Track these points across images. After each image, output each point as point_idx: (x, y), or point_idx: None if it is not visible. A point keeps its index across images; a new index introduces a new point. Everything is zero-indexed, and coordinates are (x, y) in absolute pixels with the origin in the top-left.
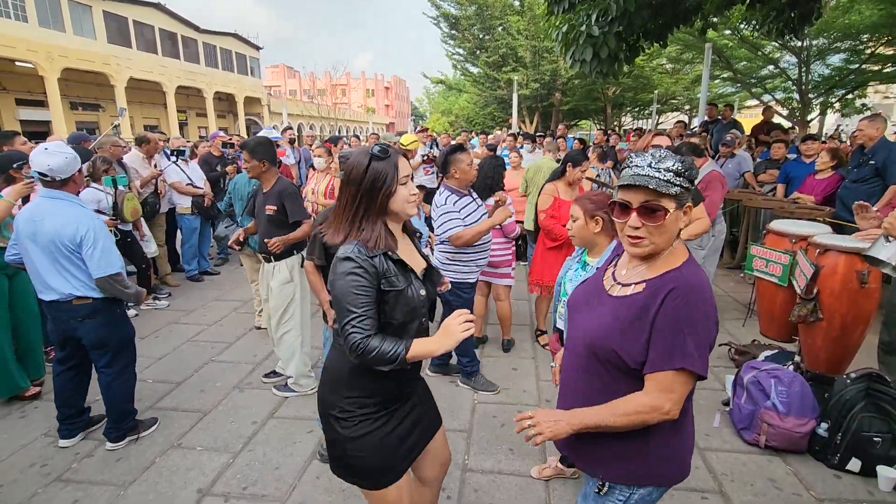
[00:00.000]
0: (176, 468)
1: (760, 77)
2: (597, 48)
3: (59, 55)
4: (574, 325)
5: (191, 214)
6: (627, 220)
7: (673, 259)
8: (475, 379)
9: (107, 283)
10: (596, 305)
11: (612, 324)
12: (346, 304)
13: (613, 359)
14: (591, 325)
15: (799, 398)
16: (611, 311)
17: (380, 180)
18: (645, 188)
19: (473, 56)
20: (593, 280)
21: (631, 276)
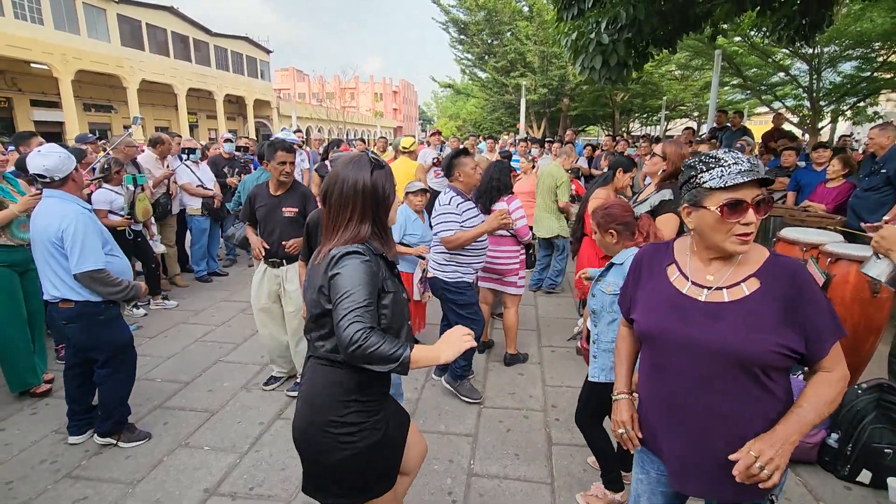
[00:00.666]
0: (183, 467)
1: (771, 84)
2: (606, 56)
3: (74, 57)
4: (685, 342)
5: (200, 216)
6: (740, 218)
7: (759, 250)
8: (461, 383)
9: (87, 279)
10: (707, 316)
11: (758, 326)
12: (349, 294)
13: (770, 359)
14: (737, 335)
15: None
16: (746, 315)
17: (386, 189)
18: (756, 183)
19: (482, 61)
20: (661, 295)
21: (725, 277)
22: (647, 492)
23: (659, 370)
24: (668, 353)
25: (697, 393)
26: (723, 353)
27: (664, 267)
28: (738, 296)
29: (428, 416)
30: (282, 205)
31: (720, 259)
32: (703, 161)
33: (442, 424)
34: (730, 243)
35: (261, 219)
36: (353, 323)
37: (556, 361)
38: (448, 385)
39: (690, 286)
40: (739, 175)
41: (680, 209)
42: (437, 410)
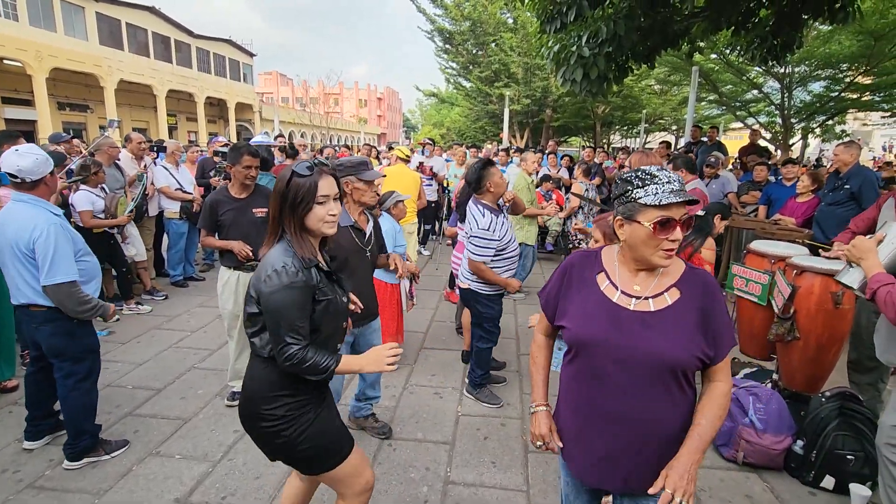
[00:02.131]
0: (153, 476)
1: (745, 101)
2: (587, 69)
3: (49, 55)
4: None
5: (179, 219)
6: (669, 234)
7: (676, 262)
8: (480, 391)
9: (56, 292)
10: (638, 326)
11: (684, 334)
12: (283, 317)
13: (693, 364)
14: (666, 343)
15: (776, 416)
16: (672, 324)
17: (299, 196)
18: (683, 203)
19: (466, 70)
20: (596, 304)
21: (649, 287)
22: (572, 492)
23: (587, 376)
24: (599, 360)
25: (625, 397)
26: (653, 360)
27: (594, 275)
28: (661, 305)
29: (405, 424)
30: (251, 206)
31: (645, 270)
32: (638, 177)
33: (419, 432)
34: (657, 257)
35: (229, 224)
36: (288, 344)
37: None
38: (469, 395)
39: (620, 295)
40: (672, 195)
41: (612, 220)
42: (415, 418)
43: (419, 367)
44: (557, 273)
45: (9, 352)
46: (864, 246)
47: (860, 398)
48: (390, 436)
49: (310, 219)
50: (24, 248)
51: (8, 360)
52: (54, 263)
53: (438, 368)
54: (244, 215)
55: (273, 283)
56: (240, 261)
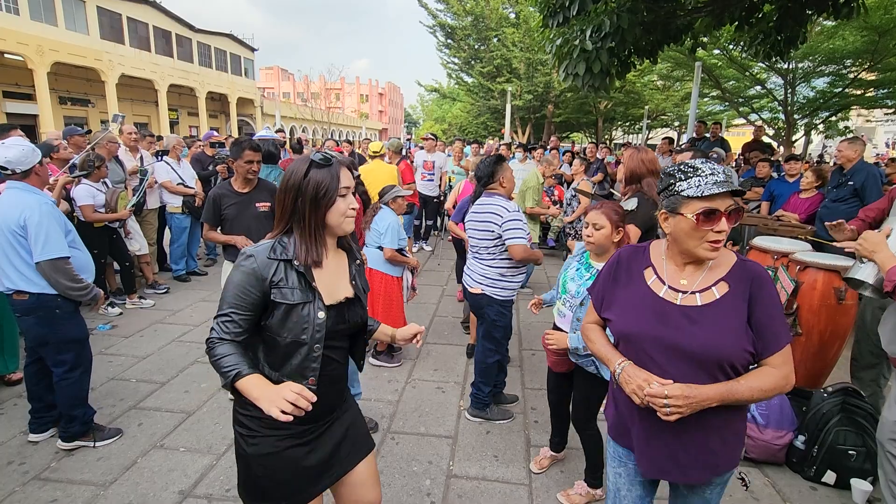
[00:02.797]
0: (158, 469)
1: (748, 97)
2: (589, 63)
3: (50, 49)
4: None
5: (181, 214)
6: (714, 226)
7: (728, 255)
8: (489, 410)
9: (50, 268)
10: (683, 321)
11: (730, 329)
12: (223, 297)
13: (744, 359)
14: (715, 339)
15: (777, 411)
16: (719, 319)
17: (321, 189)
18: (728, 193)
19: (468, 66)
20: (641, 299)
21: (698, 282)
22: (626, 484)
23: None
24: (645, 353)
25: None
26: (700, 354)
27: (641, 270)
28: (709, 300)
29: (408, 419)
30: (253, 200)
31: (693, 263)
32: (681, 170)
33: (422, 426)
34: (702, 249)
35: (232, 218)
36: (211, 328)
37: (535, 365)
38: (476, 418)
39: (667, 290)
40: (715, 186)
41: (657, 213)
42: (418, 412)
43: (421, 362)
44: (606, 267)
45: (12, 345)
46: (874, 240)
47: (862, 394)
48: (376, 430)
49: (332, 214)
50: (14, 226)
51: (11, 354)
52: (49, 239)
53: (441, 363)
54: (247, 209)
55: (236, 262)
56: None
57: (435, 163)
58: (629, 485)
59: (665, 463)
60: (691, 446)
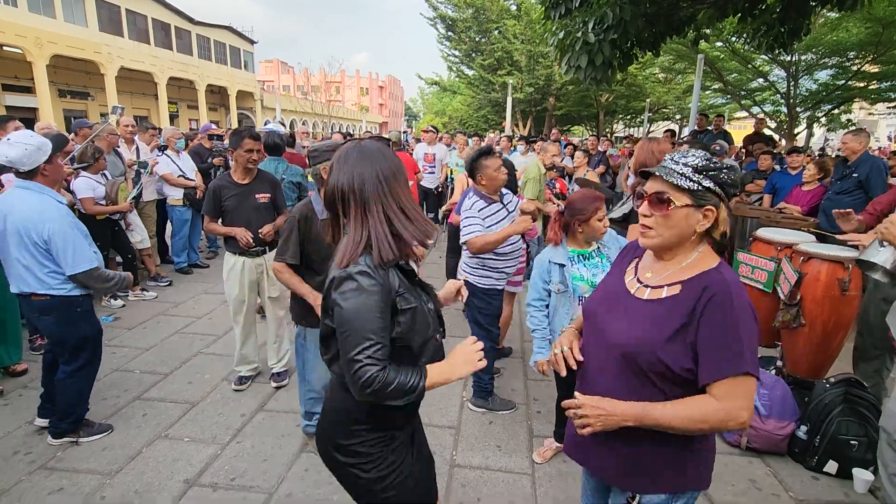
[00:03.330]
0: (163, 458)
1: (750, 89)
2: (592, 55)
3: (49, 41)
4: (599, 331)
5: (182, 206)
6: (640, 208)
7: (705, 262)
8: (492, 400)
9: (85, 279)
10: (623, 309)
11: (653, 330)
12: (356, 331)
13: (657, 367)
14: (630, 332)
15: (780, 401)
16: (649, 317)
17: (400, 171)
18: (659, 178)
19: (469, 58)
20: (612, 282)
21: (659, 278)
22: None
23: (585, 347)
24: (588, 334)
25: (597, 376)
26: (615, 347)
27: (632, 258)
28: (655, 296)
29: None
30: (253, 192)
31: (663, 257)
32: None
33: (425, 417)
34: (640, 234)
35: (233, 209)
36: (364, 366)
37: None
38: (478, 408)
39: (632, 279)
40: (651, 168)
41: None
42: (421, 403)
43: None
44: (620, 253)
45: (15, 337)
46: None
47: (864, 384)
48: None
49: (409, 201)
50: (35, 238)
51: (15, 345)
52: (77, 251)
53: None
54: (246, 201)
55: (342, 288)
56: (243, 247)
57: (436, 155)
58: (586, 476)
59: (588, 450)
60: (614, 443)
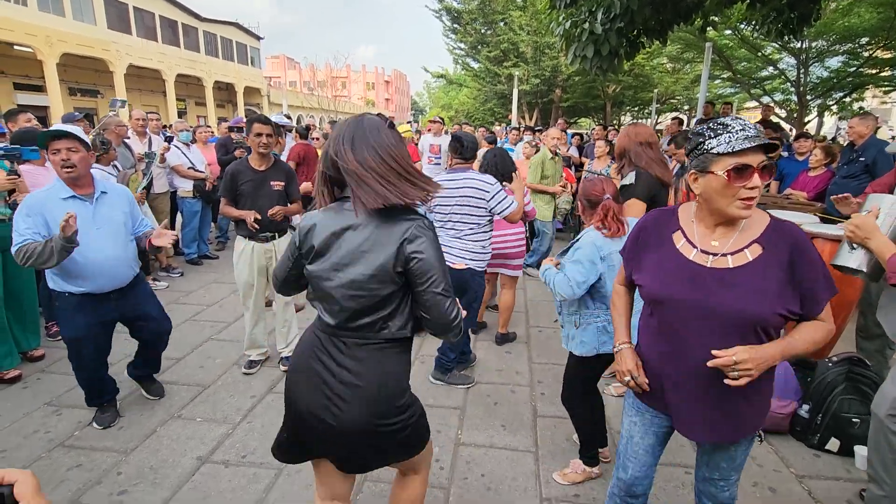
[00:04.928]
0: (177, 437)
1: (760, 78)
2: (598, 45)
3: (59, 40)
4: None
5: (192, 198)
6: (746, 182)
7: (758, 219)
8: (450, 375)
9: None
10: (713, 283)
11: (764, 289)
12: (439, 276)
13: (776, 321)
14: (738, 301)
15: (782, 381)
16: (752, 281)
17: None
18: (761, 148)
19: (475, 51)
20: (670, 262)
21: (729, 243)
22: (639, 432)
23: (668, 332)
24: (677, 317)
25: (706, 353)
26: (732, 317)
27: (670, 234)
28: (741, 262)
29: (416, 390)
30: (269, 179)
31: (724, 225)
32: (711, 128)
33: (430, 398)
34: (734, 208)
35: (247, 194)
36: (454, 308)
37: (542, 341)
38: (437, 381)
39: (697, 253)
40: (746, 140)
41: (687, 176)
42: (425, 385)
43: (429, 340)
44: (633, 231)
45: (33, 323)
46: (868, 225)
47: (867, 363)
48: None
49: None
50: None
51: (33, 331)
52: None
53: None
54: (261, 188)
55: (425, 235)
56: (253, 231)
57: (441, 146)
58: (643, 433)
59: (696, 424)
60: (721, 410)
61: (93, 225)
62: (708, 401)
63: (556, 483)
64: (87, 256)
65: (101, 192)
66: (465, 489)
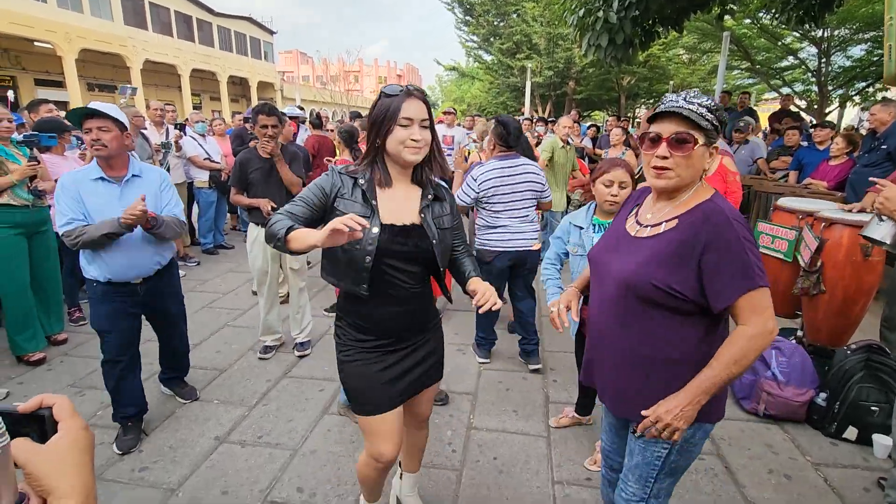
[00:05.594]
0: (195, 418)
1: (779, 69)
2: (612, 34)
3: (78, 36)
4: (602, 273)
5: (208, 188)
6: (656, 151)
7: (701, 194)
8: (481, 349)
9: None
10: (626, 250)
11: (651, 259)
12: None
13: (654, 294)
14: (627, 266)
15: (799, 369)
16: (648, 251)
17: (380, 115)
18: (678, 118)
19: (487, 43)
20: (612, 230)
21: (658, 216)
22: (604, 409)
23: (598, 289)
24: (595, 279)
25: (606, 317)
26: (619, 281)
27: (631, 207)
28: (654, 233)
29: None
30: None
31: (663, 199)
32: (664, 97)
33: (443, 384)
34: (650, 176)
35: (257, 182)
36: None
37: (555, 330)
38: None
39: (632, 223)
40: (664, 107)
41: None
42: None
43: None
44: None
45: (57, 308)
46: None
47: (887, 350)
48: (446, 401)
49: (390, 141)
50: None
51: (57, 316)
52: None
53: (461, 327)
54: (271, 175)
55: None
56: (268, 218)
57: (454, 137)
58: (605, 411)
59: (604, 391)
60: (627, 381)
61: (118, 208)
62: (612, 370)
63: (567, 466)
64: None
65: (132, 174)
66: (477, 471)
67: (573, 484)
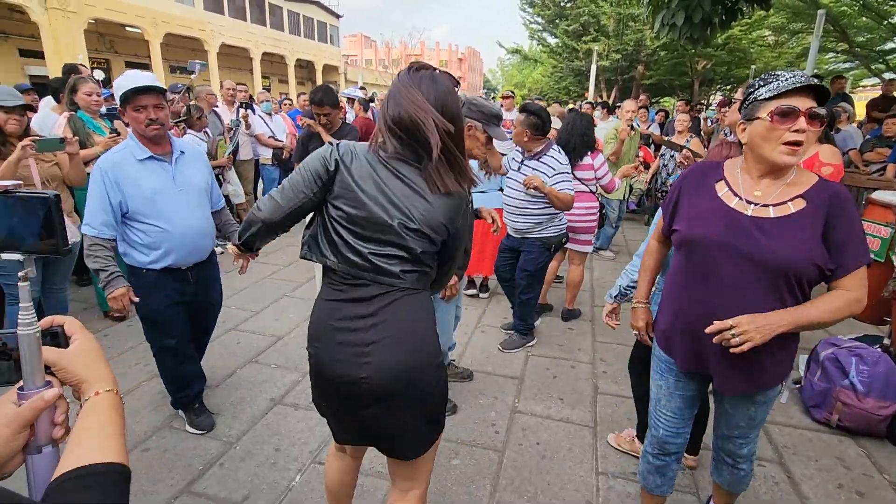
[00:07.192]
0: (253, 379)
1: (883, 51)
2: (690, 11)
3: (163, 21)
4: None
5: (271, 165)
6: (791, 125)
7: (807, 175)
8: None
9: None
10: (756, 230)
11: (807, 239)
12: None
13: (812, 273)
14: (781, 249)
15: (883, 379)
16: (798, 231)
17: None
18: (813, 92)
19: (552, 25)
20: (708, 208)
21: (773, 195)
22: (665, 395)
23: (700, 276)
24: (711, 259)
25: (735, 298)
26: (770, 265)
27: (713, 183)
28: (784, 213)
29: (476, 358)
30: None
31: (769, 177)
32: (763, 79)
33: (489, 366)
34: (777, 153)
35: None
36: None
37: None
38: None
39: (738, 201)
40: (793, 81)
41: (737, 128)
42: (485, 354)
43: (490, 310)
44: (675, 183)
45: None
46: None
47: None
48: (471, 378)
49: None
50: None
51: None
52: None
53: (509, 312)
54: None
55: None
56: None
57: (514, 121)
58: (668, 397)
59: (722, 374)
60: (742, 362)
61: (174, 188)
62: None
63: (613, 458)
64: (173, 223)
65: (179, 151)
66: (520, 454)
67: (618, 476)
